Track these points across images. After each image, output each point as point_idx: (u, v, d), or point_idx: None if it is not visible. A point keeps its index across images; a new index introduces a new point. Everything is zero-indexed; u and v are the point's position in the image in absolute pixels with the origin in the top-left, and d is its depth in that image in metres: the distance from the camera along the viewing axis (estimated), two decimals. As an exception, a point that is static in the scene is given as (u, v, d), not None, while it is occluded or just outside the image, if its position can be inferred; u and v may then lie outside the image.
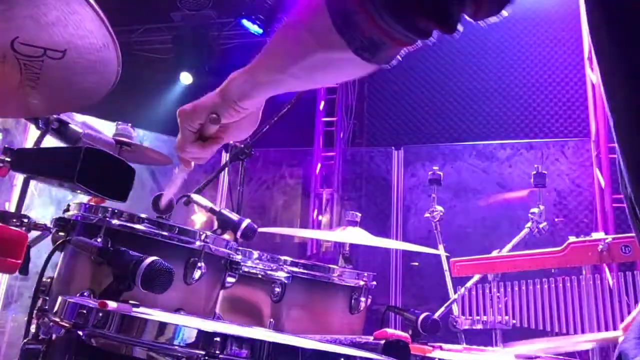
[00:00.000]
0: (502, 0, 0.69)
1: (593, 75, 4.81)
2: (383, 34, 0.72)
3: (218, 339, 0.83)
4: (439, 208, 3.35)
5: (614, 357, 0.70)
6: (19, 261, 1.24)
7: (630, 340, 0.70)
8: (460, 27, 0.71)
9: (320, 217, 5.77)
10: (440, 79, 5.74)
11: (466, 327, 2.94)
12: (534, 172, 3.29)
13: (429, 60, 5.69)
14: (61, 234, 1.58)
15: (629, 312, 2.59)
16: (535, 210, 3.19)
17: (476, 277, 3.05)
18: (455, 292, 3.09)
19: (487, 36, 5.57)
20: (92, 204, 1.62)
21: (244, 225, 1.86)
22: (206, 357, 0.81)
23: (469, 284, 3.05)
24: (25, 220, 1.53)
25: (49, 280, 1.56)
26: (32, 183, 1.62)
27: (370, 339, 1.35)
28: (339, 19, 0.73)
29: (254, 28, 6.21)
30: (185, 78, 6.67)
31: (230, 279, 1.76)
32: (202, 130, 0.99)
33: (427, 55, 5.65)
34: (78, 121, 1.80)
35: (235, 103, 0.95)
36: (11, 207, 1.81)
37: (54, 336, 0.98)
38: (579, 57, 5.15)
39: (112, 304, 0.95)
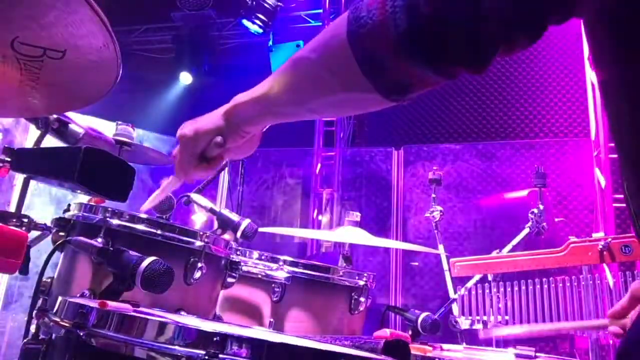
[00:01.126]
0: (532, 38, 0.69)
1: (593, 76, 4.81)
2: (414, 78, 0.72)
3: (218, 339, 0.83)
4: (439, 208, 3.35)
5: (615, 354, 0.70)
6: (19, 261, 1.24)
7: (633, 336, 0.70)
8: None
9: (320, 217, 5.77)
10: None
11: (466, 327, 2.94)
12: (534, 172, 3.29)
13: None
14: (61, 234, 1.58)
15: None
16: (535, 210, 3.19)
17: (476, 277, 3.05)
18: (455, 292, 3.09)
19: (487, 36, 5.57)
20: (92, 204, 1.62)
21: (244, 225, 1.86)
22: (206, 357, 0.81)
23: (469, 284, 3.05)
24: (25, 220, 1.53)
25: (49, 280, 1.56)
26: (32, 183, 1.62)
27: (371, 339, 1.35)
28: (366, 63, 0.72)
29: (254, 28, 6.21)
30: (185, 78, 6.67)
31: (230, 279, 1.76)
32: (205, 152, 0.98)
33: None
34: (83, 125, 1.80)
35: (240, 128, 0.94)
36: (11, 207, 1.80)
37: (54, 336, 0.98)
38: (579, 57, 5.15)
39: (112, 304, 0.95)
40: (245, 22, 6.21)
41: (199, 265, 1.59)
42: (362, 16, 0.71)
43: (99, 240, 1.49)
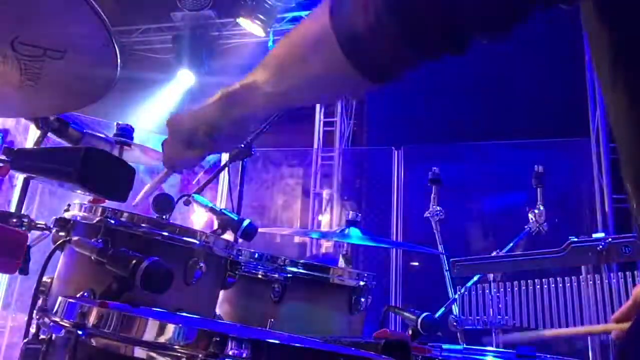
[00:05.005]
0: (509, 22, 0.70)
1: (593, 75, 4.81)
2: (397, 61, 0.74)
3: (218, 339, 0.83)
4: (439, 208, 3.35)
5: (615, 356, 0.70)
6: (19, 261, 1.23)
7: (632, 339, 0.70)
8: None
9: (320, 217, 5.77)
10: (441, 79, 5.74)
11: (466, 327, 2.94)
12: (534, 172, 3.29)
13: (429, 60, 5.68)
14: (61, 234, 1.58)
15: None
16: (535, 210, 3.19)
17: (476, 277, 3.05)
18: (455, 292, 3.09)
19: (487, 36, 5.57)
20: (92, 204, 1.62)
21: (244, 225, 1.86)
22: (206, 357, 0.81)
23: (469, 284, 3.05)
24: (25, 220, 1.53)
25: (49, 280, 1.56)
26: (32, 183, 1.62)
27: (370, 339, 1.35)
28: (349, 46, 0.73)
29: (254, 28, 6.21)
30: (185, 78, 6.67)
31: (230, 279, 1.76)
32: (192, 141, 0.99)
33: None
34: (83, 125, 1.80)
35: (234, 118, 0.94)
36: (11, 207, 1.81)
37: (54, 336, 0.98)
38: (579, 57, 5.15)
39: (112, 304, 0.95)
40: (244, 23, 6.21)
41: (199, 265, 1.59)
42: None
43: (99, 240, 1.49)
